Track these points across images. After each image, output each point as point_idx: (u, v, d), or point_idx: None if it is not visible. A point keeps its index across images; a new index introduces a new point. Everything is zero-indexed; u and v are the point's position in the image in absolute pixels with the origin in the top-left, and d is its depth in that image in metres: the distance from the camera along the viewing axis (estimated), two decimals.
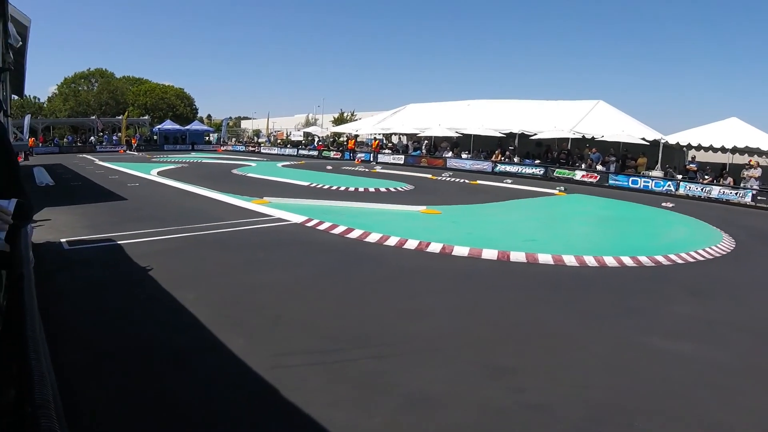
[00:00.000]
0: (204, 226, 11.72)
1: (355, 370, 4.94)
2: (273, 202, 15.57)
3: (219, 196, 17.14)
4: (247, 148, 56.58)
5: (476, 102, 42.64)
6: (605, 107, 33.84)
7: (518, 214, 16.02)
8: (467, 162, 34.47)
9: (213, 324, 5.92)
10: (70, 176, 25.06)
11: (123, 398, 4.33)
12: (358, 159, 41.68)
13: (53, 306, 6.26)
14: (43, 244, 9.63)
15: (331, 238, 10.74)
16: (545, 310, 6.84)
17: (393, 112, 48.16)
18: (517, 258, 9.29)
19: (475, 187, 23.58)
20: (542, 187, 24.16)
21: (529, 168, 31.02)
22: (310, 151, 48.48)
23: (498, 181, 26.57)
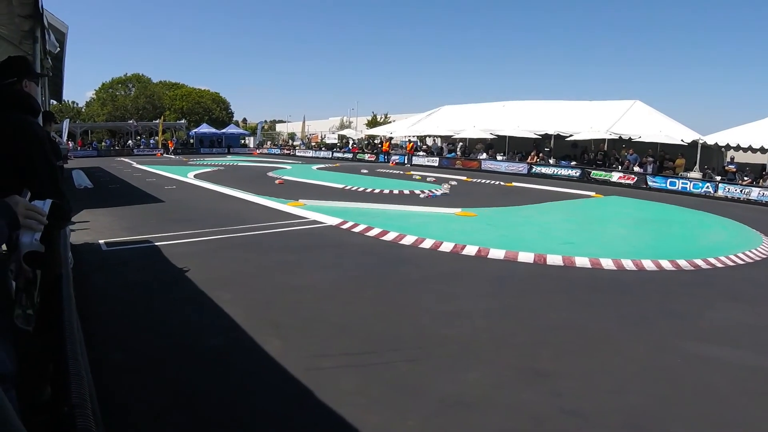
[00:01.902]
0: (240, 228, 11.79)
1: (389, 372, 4.89)
2: (308, 204, 15.62)
3: (255, 198, 17.26)
4: (282, 151, 56.94)
5: (511, 103, 42.41)
6: (642, 107, 33.37)
7: (554, 216, 15.84)
8: (502, 164, 34.26)
9: (249, 325, 5.93)
10: (109, 179, 25.43)
11: (158, 398, 4.35)
12: (392, 161, 41.67)
13: (91, 306, 6.33)
14: (82, 245, 9.77)
15: (366, 241, 10.72)
16: (582, 314, 6.72)
17: (427, 114, 48.13)
18: (553, 261, 9.16)
19: (510, 189, 23.41)
20: (579, 189, 23.85)
21: (566, 170, 30.68)
22: (344, 154, 48.65)
23: (534, 183, 26.31)
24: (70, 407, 2.66)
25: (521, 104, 41.54)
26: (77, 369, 3.17)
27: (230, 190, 19.50)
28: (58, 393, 3.19)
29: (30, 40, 6.62)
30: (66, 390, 2.90)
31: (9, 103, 3.43)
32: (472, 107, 45.61)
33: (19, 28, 6.47)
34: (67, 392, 2.86)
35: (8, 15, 6.02)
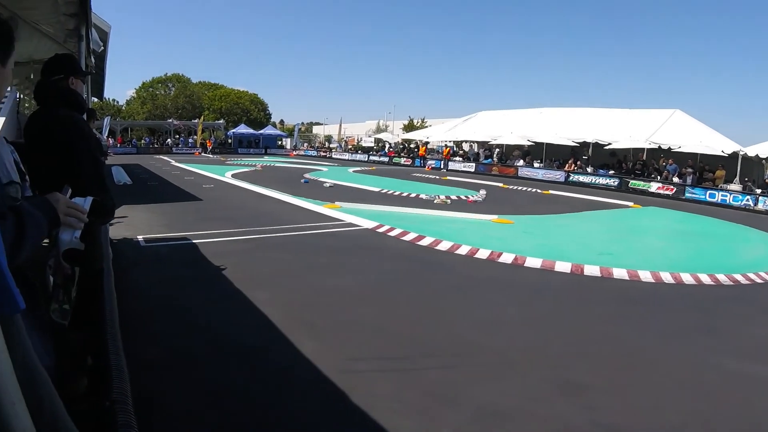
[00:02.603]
0: (277, 229, 11.84)
1: (424, 379, 4.84)
2: (344, 207, 15.65)
3: (291, 199, 17.34)
4: (319, 153, 57.29)
5: (549, 110, 42.06)
6: (682, 116, 32.82)
7: (592, 226, 15.66)
8: (539, 171, 33.97)
9: (285, 325, 5.93)
10: (147, 176, 25.79)
11: (191, 395, 4.37)
12: (428, 166, 41.64)
13: (128, 300, 6.37)
14: (121, 241, 9.89)
15: (402, 245, 10.68)
16: (619, 326, 6.59)
17: (464, 120, 47.98)
18: (591, 272, 9.02)
19: (547, 197, 23.21)
20: (617, 199, 23.53)
21: (603, 178, 30.29)
22: (380, 157, 48.66)
23: (571, 192, 26.03)
24: (111, 402, 2.68)
25: (559, 111, 41.18)
26: (119, 364, 3.19)
27: (267, 191, 19.63)
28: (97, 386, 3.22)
29: (74, 38, 6.71)
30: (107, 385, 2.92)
31: (56, 100, 3.46)
32: (510, 113, 45.34)
33: (64, 26, 6.55)
34: (108, 387, 2.88)
35: (53, 13, 6.10)
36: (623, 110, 37.44)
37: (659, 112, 34.18)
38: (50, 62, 3.57)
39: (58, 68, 3.53)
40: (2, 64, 1.72)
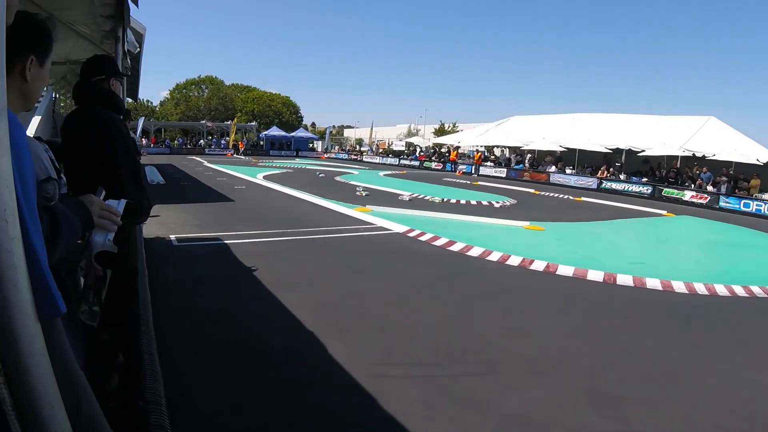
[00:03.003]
0: (308, 231, 11.88)
1: (454, 385, 4.80)
2: (375, 210, 15.65)
3: (323, 202, 17.40)
4: (350, 157, 57.39)
5: (581, 116, 41.77)
6: (717, 124, 32.34)
7: (625, 234, 15.48)
8: (571, 177, 33.64)
9: (314, 327, 5.94)
10: (180, 176, 26.08)
11: (221, 394, 4.39)
12: (459, 171, 41.46)
13: (160, 299, 6.44)
14: (153, 240, 9.99)
15: (433, 250, 10.63)
16: (652, 337, 6.46)
17: (496, 125, 47.81)
18: (624, 281, 8.88)
19: (579, 204, 22.96)
20: (650, 207, 23.21)
21: (636, 186, 29.89)
22: (411, 161, 48.57)
23: (603, 199, 25.74)
24: (144, 402, 2.70)
25: (592, 117, 40.88)
26: (152, 365, 3.22)
27: (299, 193, 19.73)
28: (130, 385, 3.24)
29: (110, 39, 6.77)
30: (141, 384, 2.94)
31: (96, 100, 3.49)
32: (542, 118, 45.11)
33: (101, 27, 6.62)
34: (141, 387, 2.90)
35: (90, 15, 6.16)
36: (657, 117, 37.06)
37: (694, 119, 33.75)
38: (90, 63, 3.60)
39: (99, 69, 3.56)
40: (41, 64, 1.73)
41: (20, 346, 0.98)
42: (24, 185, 1.05)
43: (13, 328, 0.97)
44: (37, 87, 1.75)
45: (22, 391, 1.00)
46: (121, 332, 3.73)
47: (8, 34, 1.09)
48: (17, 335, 0.97)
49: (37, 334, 1.01)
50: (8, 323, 0.96)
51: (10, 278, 0.95)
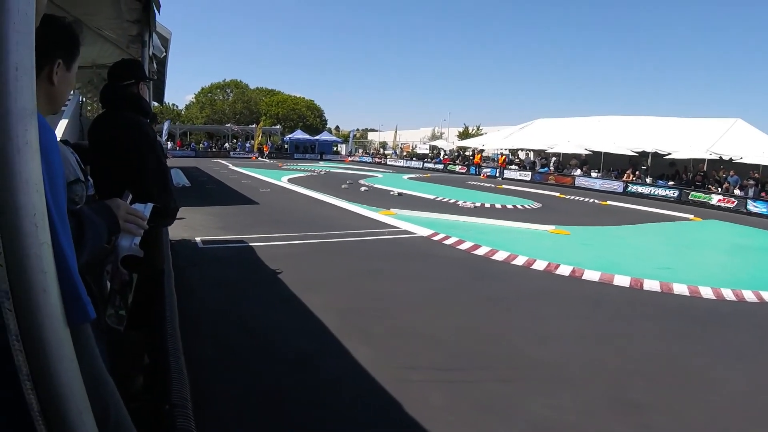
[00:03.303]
0: (332, 234, 11.91)
1: (478, 391, 4.76)
2: (399, 213, 15.63)
3: (347, 205, 17.43)
4: (374, 160, 57.47)
5: (607, 118, 41.46)
6: (744, 126, 31.94)
7: (651, 238, 15.29)
8: (597, 181, 33.32)
9: (339, 330, 5.93)
10: (205, 179, 26.29)
11: (246, 396, 4.40)
12: (483, 174, 41.36)
13: (185, 301, 6.47)
14: (179, 242, 10.07)
15: (458, 254, 10.59)
16: (678, 344, 6.36)
17: (520, 127, 47.60)
18: (650, 287, 8.76)
19: (605, 208, 22.74)
20: (676, 211, 22.93)
21: (662, 190, 29.55)
22: (435, 165, 48.54)
23: (629, 203, 25.48)
24: (171, 406, 2.69)
25: (617, 119, 40.55)
26: (179, 367, 3.21)
27: (323, 196, 19.79)
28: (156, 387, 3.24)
29: (137, 44, 6.83)
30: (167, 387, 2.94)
31: (124, 104, 3.51)
32: (567, 121, 44.82)
33: (127, 32, 6.68)
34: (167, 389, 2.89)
35: (116, 19, 6.21)
36: (683, 119, 36.67)
37: (720, 122, 33.34)
38: (119, 67, 3.62)
39: (128, 74, 3.58)
40: (68, 67, 1.73)
41: (48, 351, 0.97)
42: (53, 189, 1.04)
43: (41, 333, 0.96)
44: (64, 90, 1.75)
45: (49, 396, 0.99)
46: (147, 333, 3.74)
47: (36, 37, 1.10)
48: (45, 340, 0.97)
49: (66, 339, 1.01)
50: (37, 328, 0.96)
51: (39, 283, 0.94)
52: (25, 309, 0.94)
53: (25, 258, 0.93)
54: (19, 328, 0.95)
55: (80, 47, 1.83)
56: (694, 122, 35.02)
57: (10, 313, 0.94)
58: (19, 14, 0.89)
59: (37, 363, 0.97)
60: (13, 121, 0.89)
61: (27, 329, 0.95)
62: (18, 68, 0.90)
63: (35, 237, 0.93)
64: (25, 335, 0.95)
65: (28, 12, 0.92)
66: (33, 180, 0.92)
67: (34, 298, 0.94)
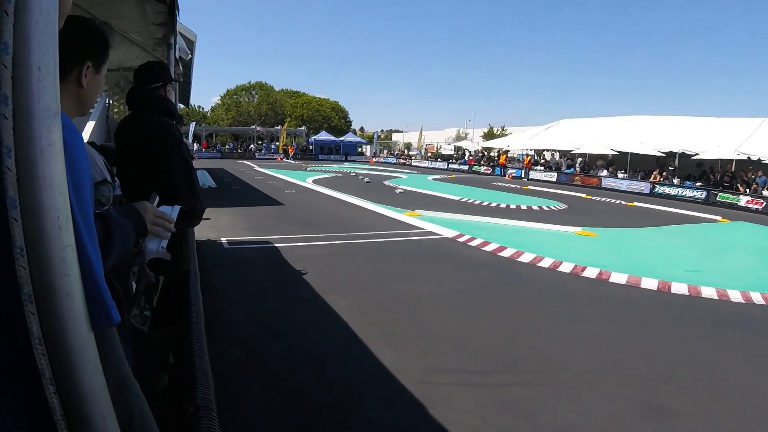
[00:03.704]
0: (357, 235, 11.92)
1: (504, 395, 4.71)
2: (424, 215, 15.60)
3: (371, 206, 17.44)
4: (398, 161, 57.51)
5: (634, 118, 41.05)
6: None
7: (679, 240, 15.05)
8: (623, 182, 32.92)
9: (363, 332, 5.92)
10: (231, 180, 26.49)
11: (270, 397, 4.41)
12: (509, 175, 41.18)
13: (211, 301, 6.52)
14: (205, 242, 10.14)
15: (483, 255, 10.52)
16: (707, 348, 6.24)
17: (546, 128, 47.34)
18: (678, 290, 8.62)
19: (631, 209, 22.47)
20: (704, 212, 22.58)
21: (690, 191, 29.14)
22: (460, 166, 48.44)
23: (656, 204, 25.16)
24: (195, 407, 2.69)
25: (644, 119, 40.13)
26: (203, 368, 3.22)
27: (348, 197, 19.84)
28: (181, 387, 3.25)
29: (162, 47, 6.90)
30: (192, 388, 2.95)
31: (151, 106, 3.54)
32: (593, 121, 44.46)
33: (153, 35, 6.75)
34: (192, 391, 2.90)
35: (142, 22, 6.28)
36: (711, 119, 36.15)
37: (748, 121, 32.81)
38: (146, 70, 3.64)
39: (156, 77, 3.61)
40: (97, 70, 1.74)
41: (71, 355, 0.96)
42: (78, 192, 1.03)
43: (65, 337, 0.95)
44: (93, 93, 1.75)
45: (72, 400, 0.99)
46: (172, 333, 3.76)
47: (65, 39, 1.09)
48: (69, 344, 0.96)
49: (90, 343, 1.00)
50: (60, 332, 0.95)
51: (63, 287, 0.94)
52: (48, 312, 0.93)
53: (49, 261, 0.92)
54: (42, 332, 0.94)
55: (110, 50, 1.83)
56: (722, 122, 34.53)
57: (33, 317, 0.93)
58: (41, 14, 0.89)
59: (60, 366, 0.96)
60: (36, 122, 0.89)
61: (50, 333, 0.94)
62: (41, 68, 0.89)
63: (59, 240, 0.92)
64: (48, 339, 0.94)
65: (51, 12, 0.91)
66: (57, 182, 0.92)
67: (58, 302, 0.94)
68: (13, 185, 0.89)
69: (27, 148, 0.88)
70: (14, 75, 0.88)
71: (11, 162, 0.88)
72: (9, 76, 0.88)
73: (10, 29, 0.87)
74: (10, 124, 0.88)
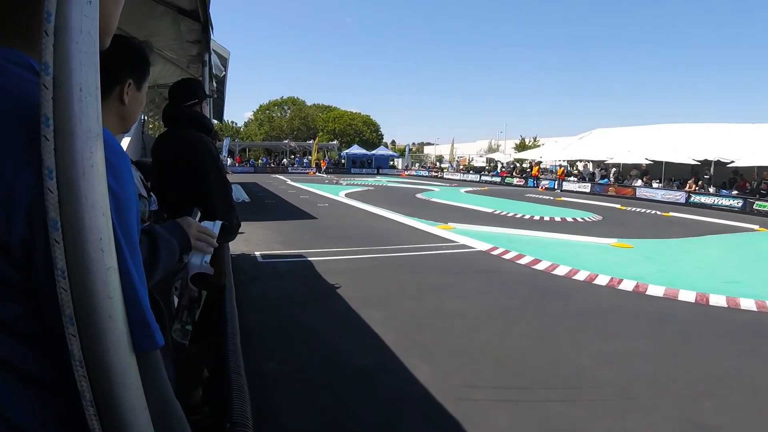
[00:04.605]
0: (390, 248, 11.89)
1: (542, 411, 4.64)
2: (458, 228, 15.54)
3: (404, 219, 17.43)
4: (430, 173, 57.61)
5: (667, 126, 40.72)
6: None
7: (716, 251, 14.79)
8: (658, 192, 32.47)
9: (398, 347, 5.89)
10: (264, 194, 26.68)
11: (308, 413, 4.40)
12: (542, 186, 40.95)
13: (246, 315, 6.56)
14: (239, 256, 10.21)
15: (518, 269, 10.43)
16: (749, 362, 6.07)
17: (578, 138, 47.07)
18: (716, 302, 8.45)
19: (667, 220, 22.15)
20: (741, 222, 22.12)
21: (726, 200, 28.61)
22: (492, 177, 48.33)
23: (692, 214, 24.76)
24: (232, 424, 2.69)
25: (679, 127, 39.76)
26: (240, 383, 3.22)
27: (381, 210, 19.88)
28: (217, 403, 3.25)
29: (197, 64, 7.00)
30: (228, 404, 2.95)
31: (188, 123, 3.58)
32: (626, 130, 44.15)
33: (187, 52, 6.85)
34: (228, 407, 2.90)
35: (177, 40, 6.39)
36: (746, 125, 35.68)
37: None
38: (182, 87, 3.69)
39: (191, 94, 3.65)
40: (138, 87, 1.77)
41: (113, 378, 0.96)
42: (121, 213, 1.03)
43: (106, 359, 0.95)
44: (135, 110, 1.78)
45: (112, 423, 0.98)
46: (207, 347, 3.78)
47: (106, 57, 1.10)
48: (110, 367, 0.95)
49: (132, 366, 0.99)
50: (102, 355, 0.94)
51: (105, 309, 0.93)
52: (90, 335, 0.93)
53: (91, 283, 0.91)
54: (83, 354, 0.93)
55: (150, 67, 1.85)
56: (757, 128, 34.03)
57: (74, 339, 0.92)
58: (82, 34, 0.89)
59: (101, 389, 0.95)
60: (78, 143, 0.89)
61: (91, 355, 0.94)
62: (82, 89, 0.89)
63: (101, 262, 0.92)
64: (89, 361, 0.94)
65: (92, 32, 0.91)
66: (99, 204, 0.91)
67: (100, 325, 0.93)
68: (54, 206, 0.89)
69: (69, 170, 0.88)
70: (55, 96, 0.88)
71: (53, 183, 0.88)
72: (50, 96, 0.88)
73: (50, 49, 0.87)
74: (51, 145, 0.88)
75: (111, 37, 1.18)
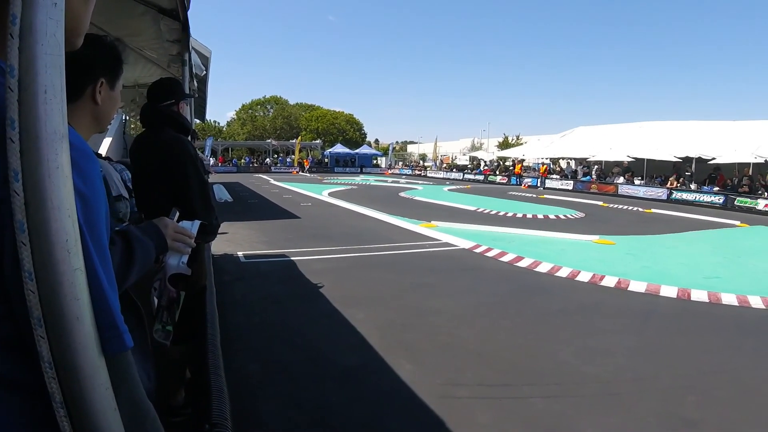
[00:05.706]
0: (373, 247, 11.91)
1: (525, 408, 4.66)
2: (440, 226, 15.59)
3: (387, 218, 17.45)
4: (414, 172, 57.60)
5: (649, 124, 41.02)
6: None
7: (698, 247, 14.89)
8: (640, 188, 32.67)
9: (382, 346, 5.89)
10: (247, 194, 26.61)
11: (291, 413, 4.39)
12: (525, 184, 41.07)
13: (228, 316, 6.55)
14: (222, 256, 10.18)
15: (500, 266, 10.47)
16: (731, 357, 6.14)
17: (561, 136, 47.35)
18: (698, 297, 8.52)
19: (649, 216, 22.28)
20: (722, 218, 22.35)
21: (708, 196, 28.85)
22: (475, 176, 48.38)
23: (674, 210, 24.94)
24: (211, 425, 2.68)
25: (660, 125, 40.06)
26: (219, 385, 3.21)
27: (364, 209, 19.88)
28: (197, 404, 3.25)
29: (177, 63, 6.96)
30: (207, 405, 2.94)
31: (165, 123, 3.56)
32: (608, 128, 44.44)
33: (167, 52, 6.81)
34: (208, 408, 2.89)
35: (158, 40, 6.35)
36: (727, 122, 36.02)
37: (765, 124, 32.59)
38: (158, 87, 3.67)
39: (168, 93, 3.63)
40: (111, 86, 1.75)
41: (82, 379, 0.96)
42: (90, 215, 1.03)
43: (75, 360, 0.95)
44: (109, 109, 1.77)
45: (83, 424, 0.98)
46: (188, 348, 3.77)
47: (78, 57, 1.09)
48: (79, 368, 0.96)
49: (101, 367, 0.99)
50: (70, 356, 0.94)
51: (72, 311, 0.93)
52: (59, 337, 0.93)
53: (58, 285, 0.92)
54: (52, 356, 0.93)
55: (123, 65, 1.84)
56: (738, 125, 34.37)
57: (42, 341, 0.92)
58: (47, 36, 0.89)
59: (70, 391, 0.95)
60: (44, 145, 0.89)
61: (60, 357, 0.94)
62: (47, 90, 0.89)
63: (68, 264, 0.92)
64: (58, 363, 0.94)
65: (57, 34, 0.91)
66: (65, 205, 0.91)
67: (68, 326, 0.93)
68: (20, 209, 0.89)
69: (35, 172, 0.88)
70: (20, 98, 0.88)
71: (18, 186, 0.88)
72: (15, 99, 0.88)
73: (15, 52, 0.87)
74: (17, 147, 0.88)
75: (82, 37, 1.17)
